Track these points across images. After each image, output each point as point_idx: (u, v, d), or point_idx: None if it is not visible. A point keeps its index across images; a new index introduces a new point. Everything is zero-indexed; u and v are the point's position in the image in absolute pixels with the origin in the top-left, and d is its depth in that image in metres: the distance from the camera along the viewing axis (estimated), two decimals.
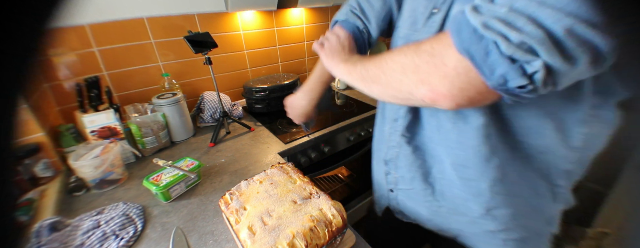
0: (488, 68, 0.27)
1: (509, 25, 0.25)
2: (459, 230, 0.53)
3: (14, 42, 0.10)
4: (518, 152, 0.41)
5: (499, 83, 0.27)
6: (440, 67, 0.30)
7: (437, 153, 0.48)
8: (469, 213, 0.48)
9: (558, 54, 0.24)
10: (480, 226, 0.48)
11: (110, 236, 0.63)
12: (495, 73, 0.27)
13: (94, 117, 0.87)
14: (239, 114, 1.25)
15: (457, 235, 0.54)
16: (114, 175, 0.82)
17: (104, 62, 1.05)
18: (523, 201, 0.45)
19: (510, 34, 0.25)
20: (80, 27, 0.98)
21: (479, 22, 0.26)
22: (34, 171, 0.79)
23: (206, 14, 1.20)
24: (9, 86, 0.10)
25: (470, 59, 0.28)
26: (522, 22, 0.24)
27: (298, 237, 0.48)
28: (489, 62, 0.27)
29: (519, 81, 0.26)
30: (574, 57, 0.24)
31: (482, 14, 0.27)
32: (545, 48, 0.24)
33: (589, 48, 0.23)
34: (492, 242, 0.49)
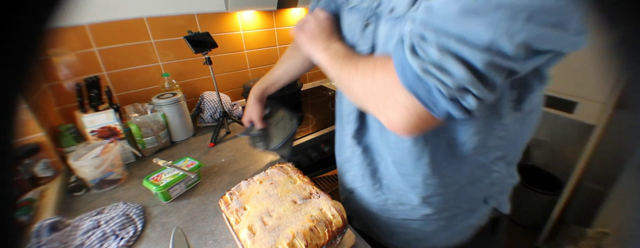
0: (432, 103, 0.32)
1: (443, 71, 0.29)
2: (403, 220, 0.59)
3: (14, 42, 0.10)
4: (450, 149, 0.47)
5: (442, 114, 0.33)
6: (393, 103, 0.35)
7: (381, 152, 0.54)
8: (409, 202, 0.55)
9: (483, 87, 0.30)
10: (419, 212, 0.55)
11: (110, 236, 0.63)
12: (439, 107, 0.32)
13: (94, 117, 0.87)
14: (239, 114, 1.25)
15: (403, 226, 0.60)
16: (114, 175, 0.82)
17: (104, 62, 1.05)
18: (456, 189, 0.52)
19: (447, 80, 0.29)
20: (80, 27, 0.98)
21: (418, 67, 0.31)
22: (34, 171, 0.79)
23: (206, 14, 1.20)
24: (9, 86, 0.10)
25: (415, 96, 0.32)
26: (452, 65, 0.29)
27: (298, 236, 0.48)
28: (432, 99, 0.32)
29: (459, 114, 0.32)
30: (495, 84, 0.30)
31: (420, 59, 0.31)
32: (474, 86, 0.29)
33: (505, 71, 0.29)
34: (429, 223, 0.57)
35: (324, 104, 1.41)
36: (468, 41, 0.28)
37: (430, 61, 0.30)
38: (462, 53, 0.28)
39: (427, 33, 0.30)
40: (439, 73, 0.29)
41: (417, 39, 0.31)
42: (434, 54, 0.29)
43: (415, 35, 0.31)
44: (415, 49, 0.31)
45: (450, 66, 0.29)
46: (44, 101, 0.94)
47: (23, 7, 0.10)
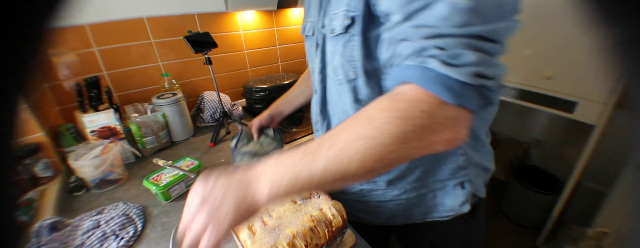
0: (484, 103, 0.33)
1: (489, 68, 0.31)
2: (379, 202, 0.64)
3: (14, 42, 0.10)
4: None
5: (487, 107, 0.34)
6: (444, 125, 0.32)
7: None
8: (378, 187, 0.61)
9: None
10: (389, 194, 0.61)
11: (110, 236, 0.63)
12: (488, 103, 0.33)
13: (94, 117, 0.87)
14: (239, 114, 1.25)
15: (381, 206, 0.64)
16: (114, 174, 0.82)
17: (104, 62, 1.05)
18: (419, 172, 0.57)
19: (494, 75, 0.32)
20: (80, 27, 0.98)
21: (465, 75, 0.30)
22: (34, 171, 0.79)
23: (206, 14, 1.20)
24: (9, 86, 0.10)
25: (465, 105, 0.31)
26: (491, 61, 0.32)
27: (298, 236, 0.48)
28: (483, 100, 0.32)
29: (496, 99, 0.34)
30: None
31: (459, 67, 0.30)
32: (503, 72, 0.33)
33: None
34: (400, 202, 0.62)
35: None
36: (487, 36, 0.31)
37: (472, 64, 0.30)
38: (489, 49, 0.31)
39: (444, 43, 0.31)
40: (488, 71, 0.31)
41: (435, 51, 0.31)
42: (471, 57, 0.30)
43: (429, 49, 0.32)
44: (447, 62, 0.31)
45: (490, 62, 0.31)
46: (44, 101, 0.94)
47: (23, 7, 0.10)
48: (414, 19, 0.33)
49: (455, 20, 0.30)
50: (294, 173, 0.32)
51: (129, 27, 1.06)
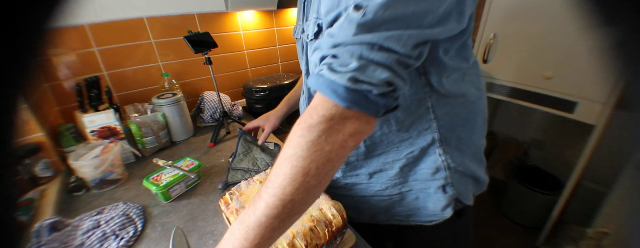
0: (373, 106, 0.35)
1: (368, 75, 0.34)
2: (363, 197, 0.65)
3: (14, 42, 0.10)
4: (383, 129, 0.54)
5: (381, 112, 0.36)
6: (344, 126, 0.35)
7: None
8: (361, 180, 0.63)
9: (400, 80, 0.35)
10: (371, 188, 0.62)
11: (110, 236, 0.63)
12: (378, 106, 0.35)
13: (94, 117, 0.87)
14: (239, 114, 1.25)
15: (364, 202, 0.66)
16: (114, 174, 0.83)
17: (104, 62, 1.05)
18: (397, 167, 0.58)
19: (374, 81, 0.34)
20: (80, 27, 0.98)
21: (346, 80, 0.33)
22: (34, 171, 0.79)
23: (206, 14, 1.20)
24: (9, 86, 0.10)
25: (357, 107, 0.34)
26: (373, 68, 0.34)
27: (298, 236, 0.48)
28: (370, 103, 0.35)
29: (392, 104, 0.37)
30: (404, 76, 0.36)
31: (342, 73, 0.34)
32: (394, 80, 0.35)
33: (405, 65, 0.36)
34: (382, 198, 0.63)
35: None
36: (377, 46, 0.33)
37: (352, 70, 0.33)
38: (374, 57, 0.34)
39: (339, 51, 0.35)
40: (366, 77, 0.33)
41: (330, 59, 0.36)
42: (354, 64, 0.33)
43: (328, 57, 0.36)
44: (334, 68, 0.35)
45: (371, 69, 0.34)
46: (44, 101, 0.94)
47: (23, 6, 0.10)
48: (327, 29, 0.39)
49: (349, 30, 0.34)
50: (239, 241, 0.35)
51: (129, 27, 1.06)
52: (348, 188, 0.66)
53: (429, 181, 0.58)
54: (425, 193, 0.60)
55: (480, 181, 0.63)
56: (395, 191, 0.61)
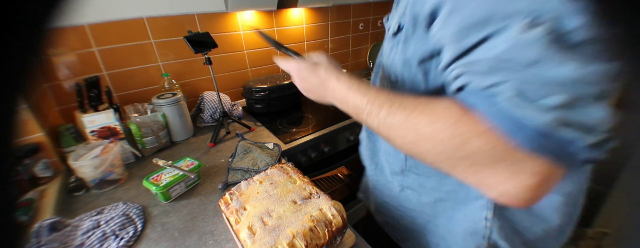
0: (569, 157, 0.25)
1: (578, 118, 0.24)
2: (387, 197, 0.62)
3: (14, 42, 0.10)
4: None
5: (579, 165, 0.26)
6: (511, 173, 0.27)
7: (379, 141, 0.60)
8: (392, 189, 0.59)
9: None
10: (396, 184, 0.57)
11: (110, 236, 0.63)
12: (577, 159, 0.25)
13: (93, 117, 0.87)
14: (239, 114, 1.25)
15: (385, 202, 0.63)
16: (114, 175, 0.82)
17: (104, 62, 1.05)
18: (432, 199, 0.51)
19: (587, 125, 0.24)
20: (80, 27, 0.98)
21: (547, 121, 0.24)
22: (34, 171, 0.79)
23: (206, 14, 1.20)
24: (9, 86, 0.10)
25: (547, 155, 0.25)
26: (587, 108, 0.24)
27: (298, 237, 0.48)
28: (569, 153, 0.25)
29: (597, 157, 0.25)
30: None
31: (537, 110, 0.24)
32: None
33: None
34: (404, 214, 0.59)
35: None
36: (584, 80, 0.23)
37: (556, 109, 0.24)
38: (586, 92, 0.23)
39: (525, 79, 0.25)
40: (573, 119, 0.24)
41: (513, 89, 0.25)
42: (557, 99, 0.24)
43: (504, 84, 0.26)
44: (523, 100, 0.25)
45: (584, 109, 0.24)
46: (44, 101, 0.94)
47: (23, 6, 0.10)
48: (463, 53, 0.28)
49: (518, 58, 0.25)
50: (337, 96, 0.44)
51: (129, 27, 1.06)
52: (377, 187, 0.65)
53: (457, 237, 0.49)
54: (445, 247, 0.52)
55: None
56: (419, 219, 0.54)
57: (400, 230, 0.61)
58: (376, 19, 1.85)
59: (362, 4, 1.71)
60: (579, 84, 0.23)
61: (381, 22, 1.88)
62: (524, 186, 0.27)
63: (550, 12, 0.23)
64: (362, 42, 1.86)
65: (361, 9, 1.72)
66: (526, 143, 0.25)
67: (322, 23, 1.59)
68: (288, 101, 1.35)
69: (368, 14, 1.79)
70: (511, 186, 0.27)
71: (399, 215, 0.59)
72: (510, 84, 0.25)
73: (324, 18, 1.59)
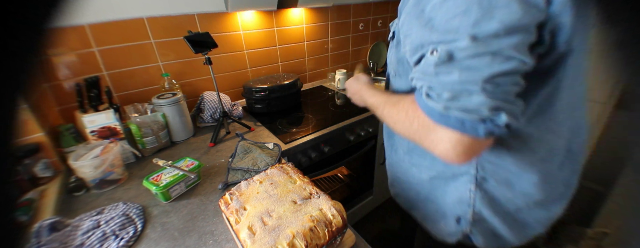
0: (473, 130, 0.38)
1: (460, 104, 0.37)
2: (399, 172, 0.72)
3: (14, 42, 0.10)
4: None
5: (487, 135, 0.38)
6: (436, 140, 0.42)
7: None
8: (398, 154, 0.70)
9: (510, 105, 0.37)
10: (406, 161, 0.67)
11: (110, 236, 0.63)
12: (480, 131, 0.38)
13: (94, 117, 0.87)
14: (239, 114, 1.25)
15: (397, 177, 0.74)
16: (114, 175, 0.82)
17: (104, 62, 1.05)
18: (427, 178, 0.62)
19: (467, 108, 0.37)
20: (80, 27, 0.98)
21: (440, 108, 0.39)
22: (34, 171, 0.79)
23: (206, 14, 1.20)
24: (9, 86, 0.10)
25: (454, 128, 0.39)
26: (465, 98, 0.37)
27: (298, 237, 0.48)
28: (471, 127, 0.38)
29: (499, 130, 0.38)
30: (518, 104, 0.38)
31: (435, 101, 0.39)
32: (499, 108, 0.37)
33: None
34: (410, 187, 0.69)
35: (324, 104, 1.41)
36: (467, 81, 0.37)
37: (446, 100, 0.38)
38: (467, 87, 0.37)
39: (432, 83, 0.40)
40: (458, 105, 0.37)
41: (427, 88, 0.41)
42: (444, 93, 0.38)
43: (424, 86, 0.41)
44: (429, 95, 0.40)
45: (465, 99, 0.37)
46: (44, 101, 0.94)
47: (23, 6, 0.10)
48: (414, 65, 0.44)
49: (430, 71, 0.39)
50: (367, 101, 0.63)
51: (129, 27, 1.06)
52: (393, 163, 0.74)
53: (450, 205, 0.59)
54: (442, 213, 0.62)
55: (499, 239, 0.58)
56: (422, 191, 0.66)
57: (408, 200, 0.72)
58: (376, 19, 1.85)
59: (362, 4, 1.71)
60: (459, 85, 0.36)
61: (381, 22, 1.88)
62: (446, 149, 0.40)
63: (446, 42, 0.36)
64: (362, 42, 1.86)
65: (361, 9, 1.72)
66: (437, 121, 0.40)
67: (322, 23, 1.59)
68: (288, 101, 1.35)
69: (368, 14, 1.79)
70: (441, 149, 0.41)
71: (407, 188, 0.70)
72: (426, 86, 0.40)
73: (324, 18, 1.59)
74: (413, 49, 0.43)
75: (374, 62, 1.85)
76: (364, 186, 1.61)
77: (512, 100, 0.37)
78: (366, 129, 1.30)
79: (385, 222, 1.71)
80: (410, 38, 0.43)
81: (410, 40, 0.43)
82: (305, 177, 0.65)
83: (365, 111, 1.30)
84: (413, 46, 0.42)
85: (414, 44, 0.42)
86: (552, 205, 0.56)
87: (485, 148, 0.41)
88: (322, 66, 1.74)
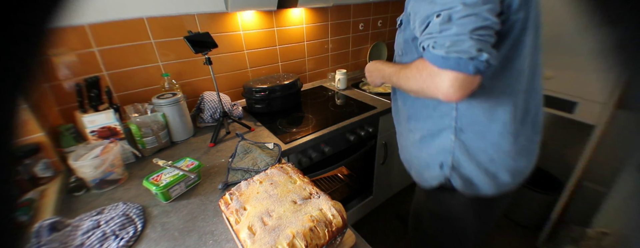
0: (464, 68, 0.51)
1: (458, 47, 0.51)
2: (402, 140, 0.88)
3: (14, 42, 0.10)
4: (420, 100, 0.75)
5: (474, 71, 0.51)
6: (440, 82, 0.54)
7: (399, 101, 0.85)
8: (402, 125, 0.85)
9: (487, 47, 0.52)
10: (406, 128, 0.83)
11: (110, 236, 0.63)
12: (470, 67, 0.51)
13: (94, 117, 0.87)
14: (239, 114, 1.25)
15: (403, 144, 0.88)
16: (114, 175, 0.82)
17: (104, 62, 1.05)
18: (419, 136, 0.77)
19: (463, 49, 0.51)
20: (80, 27, 0.98)
21: (442, 53, 0.52)
22: (34, 171, 0.79)
23: (206, 14, 1.20)
24: (9, 86, 0.10)
25: (451, 69, 0.52)
26: (461, 42, 0.51)
27: (298, 237, 0.48)
28: (462, 65, 0.51)
29: (483, 65, 0.51)
30: (489, 47, 0.52)
31: (439, 49, 0.53)
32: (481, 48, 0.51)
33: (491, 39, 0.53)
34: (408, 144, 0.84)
35: (324, 104, 1.41)
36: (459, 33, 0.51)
37: (447, 47, 0.52)
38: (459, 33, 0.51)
39: (437, 38, 0.54)
40: (455, 49, 0.51)
41: (433, 43, 0.54)
42: (446, 42, 0.52)
43: (430, 42, 0.54)
44: (435, 47, 0.53)
45: (460, 44, 0.51)
46: (44, 101, 0.94)
47: (23, 7, 0.10)
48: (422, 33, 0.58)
49: (436, 29, 0.53)
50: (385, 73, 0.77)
51: (129, 27, 1.06)
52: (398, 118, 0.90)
53: (435, 154, 0.74)
54: (428, 163, 0.77)
55: (497, 178, 0.71)
56: (414, 151, 0.81)
57: (407, 160, 0.88)
58: (376, 19, 1.85)
59: (362, 4, 1.71)
60: (456, 36, 0.51)
61: (381, 22, 1.88)
62: (447, 87, 0.53)
63: (447, 9, 0.51)
64: (362, 42, 1.86)
65: (361, 9, 1.72)
66: (440, 65, 0.53)
67: (322, 23, 1.59)
68: (288, 101, 1.35)
69: (368, 14, 1.79)
70: (443, 89, 0.54)
71: (407, 151, 0.86)
72: (432, 42, 0.54)
73: (324, 18, 1.59)
74: (421, 21, 0.56)
75: None
76: (364, 186, 1.61)
77: (489, 47, 0.52)
78: (366, 130, 1.30)
79: (385, 221, 1.71)
80: (418, 14, 0.57)
81: (419, 15, 0.57)
82: (305, 177, 0.65)
83: (365, 111, 1.30)
84: (421, 19, 0.56)
85: (422, 17, 0.56)
86: (519, 157, 0.71)
87: (475, 85, 0.54)
88: (322, 66, 1.74)
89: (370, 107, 1.34)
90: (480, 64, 0.50)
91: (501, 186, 0.72)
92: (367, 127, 1.31)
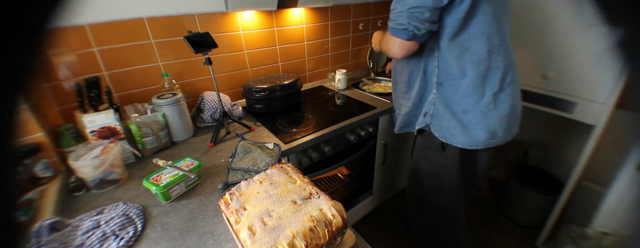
0: (406, 36, 0.83)
1: (400, 23, 0.83)
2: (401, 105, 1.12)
3: (14, 42, 0.10)
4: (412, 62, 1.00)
5: (410, 38, 0.83)
6: (392, 44, 0.88)
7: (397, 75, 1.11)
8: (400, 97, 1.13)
9: (421, 24, 0.81)
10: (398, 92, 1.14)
11: (110, 236, 0.63)
12: (408, 36, 0.83)
13: (94, 117, 0.87)
14: (239, 114, 1.25)
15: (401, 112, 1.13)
16: (114, 175, 0.82)
17: (104, 62, 1.05)
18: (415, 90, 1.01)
19: (405, 24, 0.82)
20: (80, 27, 0.98)
21: (394, 26, 0.84)
22: (34, 171, 0.79)
23: (206, 14, 1.20)
24: (9, 86, 0.10)
25: (397, 36, 0.85)
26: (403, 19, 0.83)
27: (298, 237, 0.48)
28: (404, 34, 0.83)
29: (419, 36, 0.83)
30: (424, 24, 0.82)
31: (393, 23, 0.85)
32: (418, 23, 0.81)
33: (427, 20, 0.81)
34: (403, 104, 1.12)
35: (324, 104, 1.41)
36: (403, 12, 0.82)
37: (398, 22, 0.82)
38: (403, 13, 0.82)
39: (393, 16, 0.85)
40: (396, 22, 0.83)
41: (392, 20, 0.85)
42: (393, 17, 0.84)
43: (391, 20, 0.85)
44: (389, 21, 0.83)
45: (399, 18, 0.82)
46: (44, 101, 0.94)
47: (23, 7, 0.10)
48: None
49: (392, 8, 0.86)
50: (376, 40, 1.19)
51: (129, 27, 1.06)
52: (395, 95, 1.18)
53: (424, 106, 1.00)
54: (418, 115, 1.03)
55: (463, 124, 0.93)
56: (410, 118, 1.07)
57: (404, 121, 1.10)
58: (376, 19, 1.85)
59: (362, 4, 1.71)
60: (398, 13, 0.83)
61: (381, 22, 1.88)
62: (394, 48, 0.88)
63: None
64: (362, 42, 1.86)
65: (361, 9, 1.72)
66: (392, 33, 0.86)
67: (322, 23, 1.59)
68: (288, 101, 1.35)
69: (368, 14, 1.79)
70: (393, 49, 0.88)
71: (405, 116, 1.08)
72: (392, 20, 0.86)
73: (324, 18, 1.59)
74: (391, 8, 0.86)
75: (374, 62, 1.85)
76: (364, 186, 1.61)
77: (420, 21, 0.79)
78: (366, 129, 1.30)
79: (385, 221, 1.71)
80: (392, 5, 0.85)
81: (393, 6, 0.84)
82: (305, 177, 0.65)
83: (365, 111, 1.30)
84: (392, 6, 0.85)
85: (393, 5, 0.84)
86: (489, 112, 0.90)
87: (410, 47, 0.85)
88: (322, 66, 1.74)
89: (370, 107, 1.34)
90: (409, 33, 0.80)
91: (474, 139, 0.92)
92: (367, 127, 1.31)
